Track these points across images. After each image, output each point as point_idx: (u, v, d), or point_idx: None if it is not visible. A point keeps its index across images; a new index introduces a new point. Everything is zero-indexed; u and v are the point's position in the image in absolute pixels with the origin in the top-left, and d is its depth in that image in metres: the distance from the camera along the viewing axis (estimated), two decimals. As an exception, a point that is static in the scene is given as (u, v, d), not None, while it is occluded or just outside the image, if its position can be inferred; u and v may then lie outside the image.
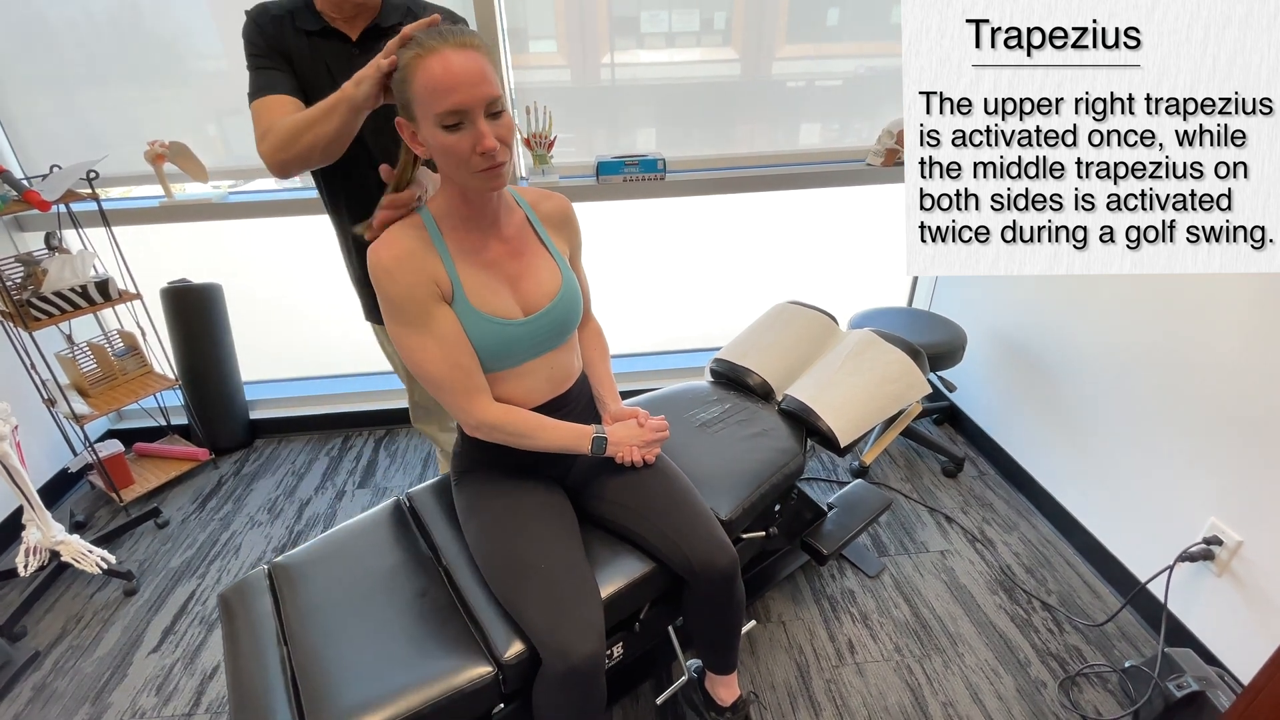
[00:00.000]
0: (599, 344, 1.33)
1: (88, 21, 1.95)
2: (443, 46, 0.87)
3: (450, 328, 1.01)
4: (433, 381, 1.04)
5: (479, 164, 0.91)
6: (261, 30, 1.19)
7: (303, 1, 1.22)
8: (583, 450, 1.16)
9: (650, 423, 1.23)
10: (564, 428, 1.14)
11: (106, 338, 2.18)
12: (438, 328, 1.00)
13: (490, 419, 1.08)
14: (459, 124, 0.89)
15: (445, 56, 0.87)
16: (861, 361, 1.61)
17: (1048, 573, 1.83)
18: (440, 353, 1.01)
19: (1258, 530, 1.37)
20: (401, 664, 1.03)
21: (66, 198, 1.86)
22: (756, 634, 1.65)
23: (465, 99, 0.87)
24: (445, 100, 0.87)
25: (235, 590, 1.20)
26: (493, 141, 0.89)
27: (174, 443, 2.37)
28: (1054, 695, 1.50)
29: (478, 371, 1.05)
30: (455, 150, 0.90)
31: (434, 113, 0.88)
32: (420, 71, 0.88)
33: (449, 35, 0.89)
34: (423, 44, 0.88)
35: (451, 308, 1.02)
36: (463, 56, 0.87)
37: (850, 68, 2.25)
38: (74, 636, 1.69)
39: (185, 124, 2.08)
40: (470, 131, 0.89)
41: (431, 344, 1.01)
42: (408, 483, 2.24)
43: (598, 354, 1.32)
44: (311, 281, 2.42)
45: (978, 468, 2.26)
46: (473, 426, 1.10)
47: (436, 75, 0.87)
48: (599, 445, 1.16)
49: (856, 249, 2.60)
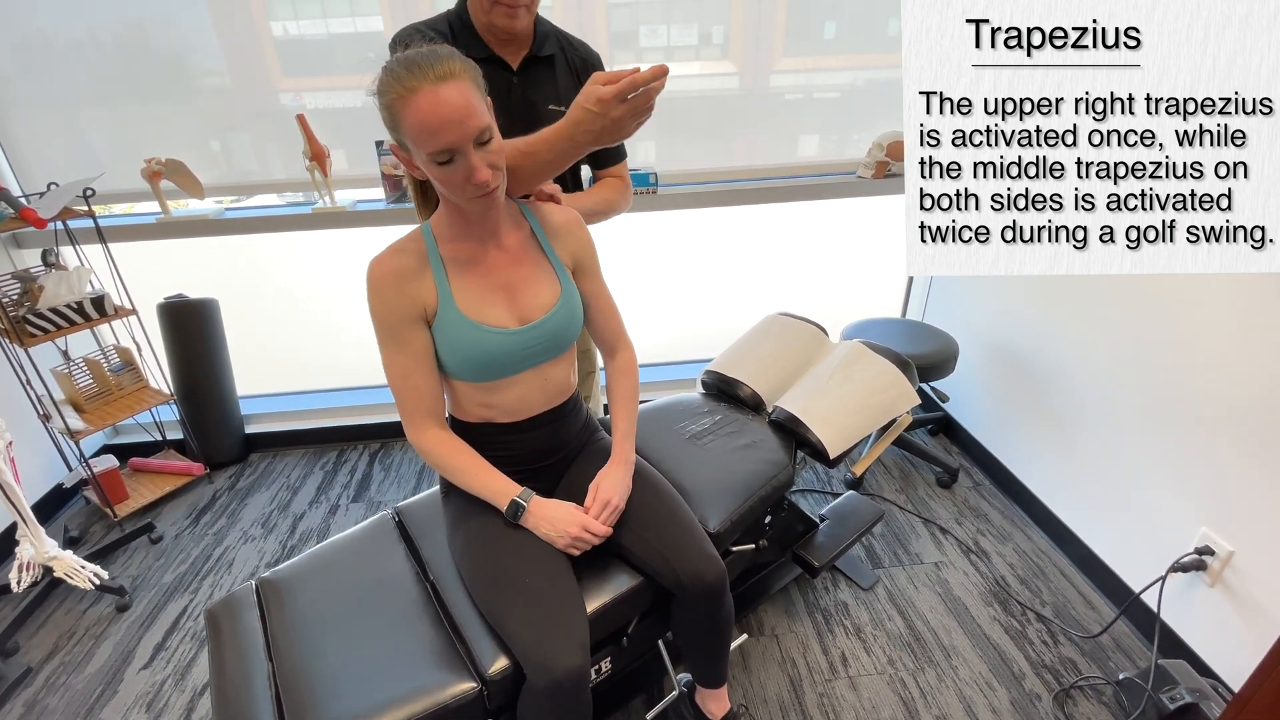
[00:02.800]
0: (624, 383, 1.25)
1: (92, 41, 1.97)
2: (423, 84, 0.86)
3: (418, 348, 1.05)
4: (392, 391, 1.09)
5: (473, 192, 0.94)
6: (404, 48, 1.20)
7: (461, 23, 1.21)
8: (498, 507, 1.10)
9: (592, 525, 1.10)
10: (491, 478, 1.11)
11: (103, 353, 2.19)
12: (407, 347, 1.04)
13: (424, 444, 1.11)
14: (450, 159, 0.90)
15: (428, 95, 0.86)
16: (851, 373, 1.61)
17: (1042, 584, 1.82)
18: (403, 369, 1.06)
19: (1249, 540, 1.37)
20: (386, 679, 1.02)
21: (63, 215, 1.88)
22: (749, 647, 1.64)
23: (453, 139, 0.88)
24: (433, 142, 0.88)
25: (222, 605, 1.20)
26: (485, 174, 0.92)
27: (169, 457, 2.38)
28: (1048, 709, 1.48)
29: (432, 397, 1.09)
30: (450, 181, 0.93)
31: (425, 152, 0.90)
32: (406, 114, 0.88)
33: (428, 68, 0.87)
34: (403, 82, 0.87)
35: (433, 325, 1.04)
36: (446, 91, 0.87)
37: (847, 80, 2.27)
38: (66, 652, 1.69)
39: (188, 140, 2.11)
40: (462, 165, 0.91)
41: (398, 359, 1.05)
42: (402, 496, 2.24)
43: (620, 393, 1.24)
44: (308, 296, 2.44)
45: (972, 478, 2.25)
46: (413, 445, 1.12)
47: (423, 117, 0.87)
48: (513, 509, 1.09)
49: (850, 260, 2.61)
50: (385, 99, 0.90)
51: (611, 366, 1.27)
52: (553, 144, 1.05)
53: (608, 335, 1.26)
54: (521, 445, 1.18)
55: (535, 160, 1.07)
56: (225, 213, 2.18)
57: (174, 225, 2.11)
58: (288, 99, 2.08)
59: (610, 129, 1.00)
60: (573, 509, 1.12)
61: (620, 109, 0.97)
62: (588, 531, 1.10)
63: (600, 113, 0.97)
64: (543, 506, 1.11)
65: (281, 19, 1.99)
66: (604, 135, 1.01)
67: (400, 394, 1.08)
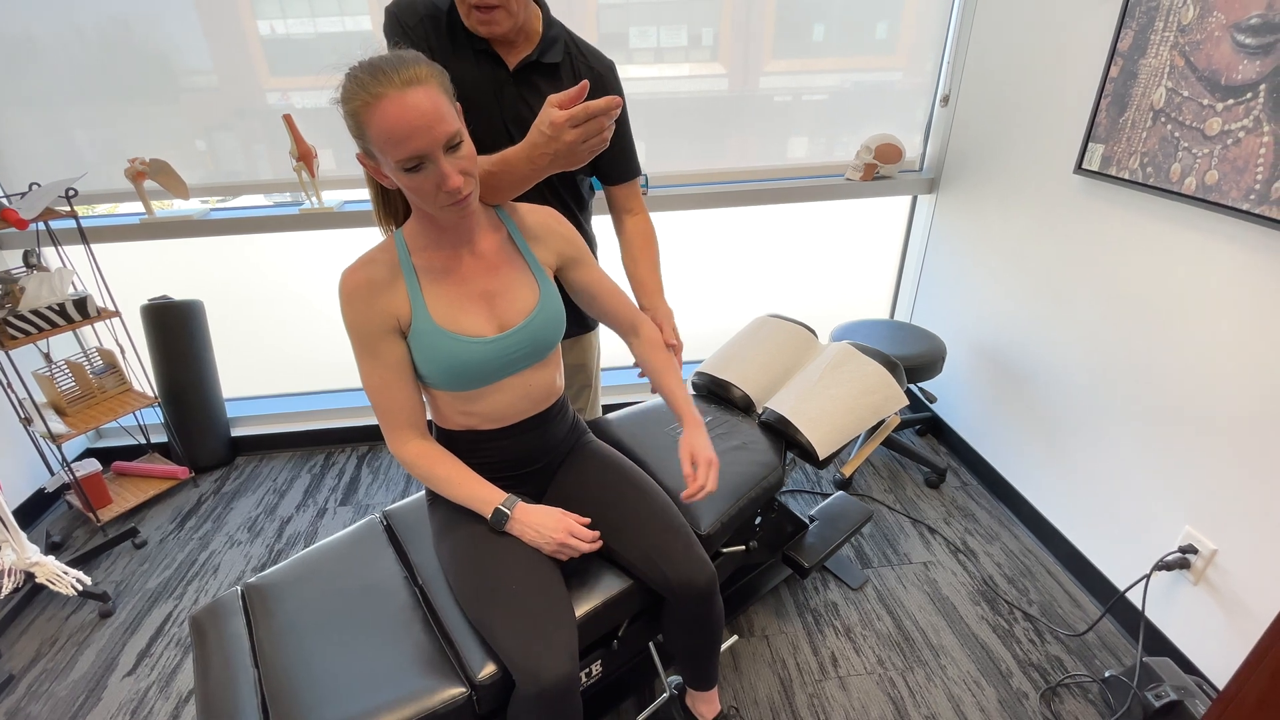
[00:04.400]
0: (659, 355, 1.23)
1: (78, 39, 1.94)
2: (389, 90, 0.83)
3: (394, 360, 1.03)
4: (371, 403, 1.07)
5: (445, 200, 0.91)
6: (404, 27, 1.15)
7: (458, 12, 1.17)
8: (483, 515, 1.10)
9: (578, 530, 1.11)
10: (476, 486, 1.10)
11: (85, 355, 2.16)
12: (383, 359, 1.03)
13: (406, 456, 1.09)
14: (419, 166, 0.88)
15: (395, 101, 0.84)
16: (839, 374, 1.62)
17: (1029, 583, 1.83)
18: (380, 381, 1.04)
19: (1232, 539, 1.39)
20: (374, 685, 1.02)
21: (45, 215, 1.85)
22: (740, 649, 1.65)
23: (422, 145, 0.86)
24: (401, 149, 0.85)
25: (207, 612, 1.19)
26: (456, 180, 0.89)
27: (153, 461, 2.35)
28: (1035, 706, 1.50)
29: (411, 408, 1.07)
30: (420, 190, 0.91)
31: (393, 160, 0.87)
32: (372, 121, 0.85)
33: (393, 73, 0.84)
34: (368, 88, 0.84)
35: (408, 336, 1.02)
36: (413, 97, 0.84)
37: (835, 82, 2.28)
38: (48, 659, 1.67)
39: (174, 140, 2.08)
40: (432, 172, 0.89)
41: (375, 371, 1.03)
42: (390, 499, 2.23)
43: (661, 365, 1.23)
44: (294, 298, 2.41)
45: (960, 478, 2.27)
46: (395, 457, 1.12)
47: (390, 123, 0.84)
48: (497, 517, 1.08)
49: (840, 261, 2.62)
50: (350, 106, 0.87)
51: (639, 344, 1.25)
52: (513, 165, 1.04)
53: (622, 316, 1.23)
54: (506, 452, 1.17)
55: (496, 180, 1.06)
56: (211, 213, 2.15)
57: (158, 226, 2.08)
58: (275, 98, 2.06)
59: (564, 153, 0.99)
60: (559, 514, 1.11)
61: (571, 134, 0.96)
62: (574, 537, 1.10)
63: (553, 136, 0.96)
64: (528, 513, 1.10)
65: (269, 18, 1.97)
66: (559, 159, 1.01)
67: (379, 406, 1.06)
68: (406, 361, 1.04)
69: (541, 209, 1.15)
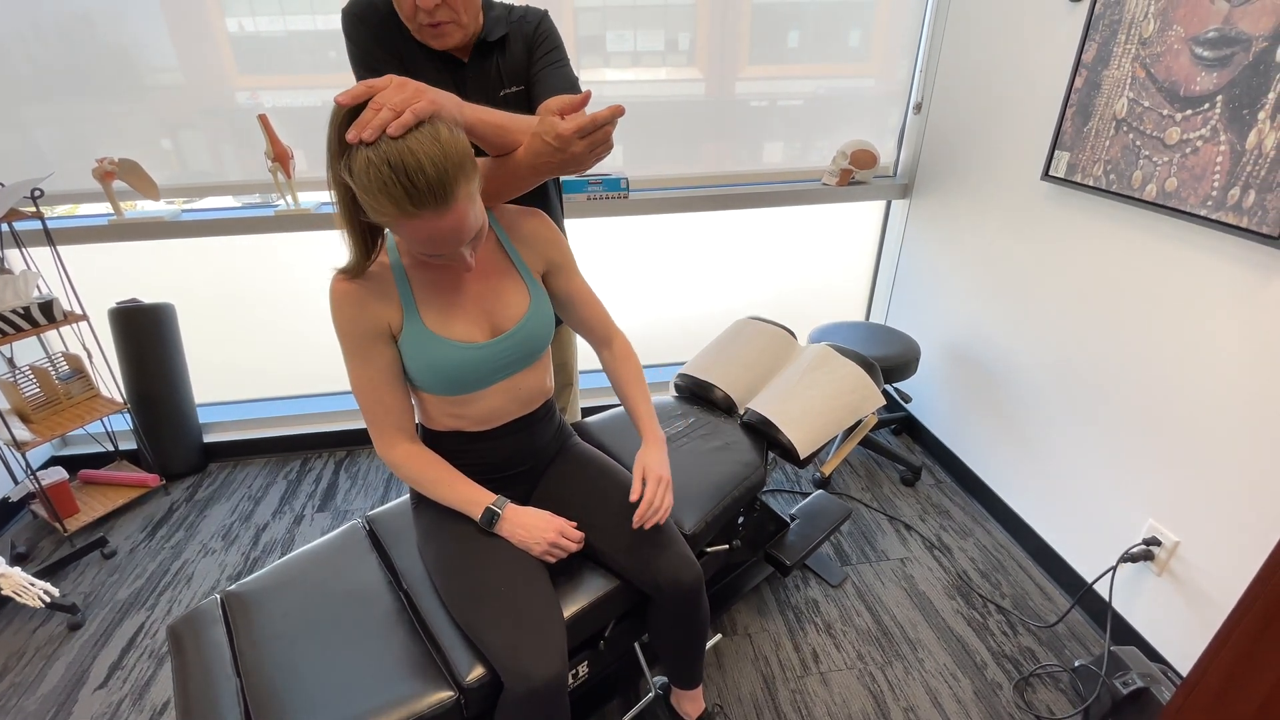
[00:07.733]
0: (628, 367, 1.24)
1: (36, 35, 1.89)
2: (424, 211, 0.81)
3: (384, 364, 1.03)
4: (359, 406, 1.07)
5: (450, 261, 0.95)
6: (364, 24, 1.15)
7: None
8: (472, 516, 1.10)
9: (568, 531, 1.12)
10: (464, 488, 1.10)
11: (51, 360, 2.10)
12: (373, 362, 1.02)
13: (394, 459, 1.09)
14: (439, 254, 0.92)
15: (429, 222, 0.83)
16: (818, 375, 1.64)
17: (1002, 576, 1.88)
18: (369, 384, 1.04)
19: (1193, 531, 1.44)
20: (361, 691, 1.01)
21: (9, 216, 1.80)
22: (723, 647, 1.66)
23: (448, 249, 0.90)
24: (426, 248, 0.90)
25: (185, 621, 1.17)
26: (471, 262, 0.95)
27: (122, 469, 2.29)
28: (1009, 696, 1.54)
29: (399, 412, 1.07)
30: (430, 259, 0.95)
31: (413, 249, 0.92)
32: (400, 229, 0.85)
33: (429, 195, 0.80)
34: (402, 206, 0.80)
35: (399, 340, 1.02)
36: (449, 219, 0.84)
37: (810, 88, 2.32)
38: (16, 674, 1.62)
39: (138, 139, 2.03)
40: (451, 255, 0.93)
41: (364, 374, 1.03)
42: (369, 505, 2.20)
43: (628, 377, 1.24)
44: (268, 300, 2.37)
45: (935, 476, 2.32)
46: (383, 460, 1.11)
47: (422, 236, 0.86)
48: (487, 517, 1.08)
49: (817, 264, 2.67)
50: (377, 213, 0.84)
51: (610, 355, 1.26)
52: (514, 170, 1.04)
53: (596, 327, 1.24)
54: (493, 453, 1.17)
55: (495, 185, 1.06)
56: (182, 214, 2.11)
57: (127, 227, 2.03)
58: (244, 97, 2.03)
59: (571, 162, 1.00)
60: (548, 516, 1.12)
61: (580, 145, 0.97)
62: (564, 538, 1.10)
63: (560, 147, 0.97)
64: (518, 514, 1.10)
65: (236, 15, 1.94)
66: (565, 167, 1.02)
67: (367, 409, 1.06)
68: (396, 365, 1.04)
69: (530, 212, 1.15)
